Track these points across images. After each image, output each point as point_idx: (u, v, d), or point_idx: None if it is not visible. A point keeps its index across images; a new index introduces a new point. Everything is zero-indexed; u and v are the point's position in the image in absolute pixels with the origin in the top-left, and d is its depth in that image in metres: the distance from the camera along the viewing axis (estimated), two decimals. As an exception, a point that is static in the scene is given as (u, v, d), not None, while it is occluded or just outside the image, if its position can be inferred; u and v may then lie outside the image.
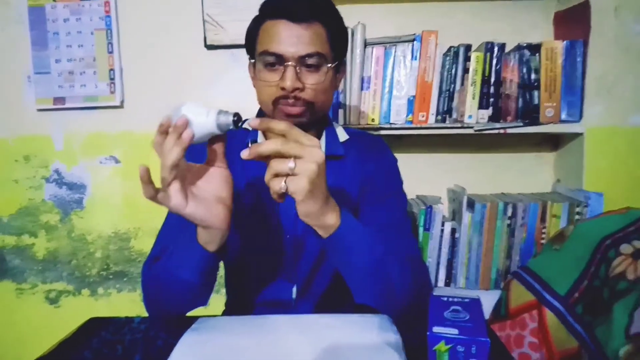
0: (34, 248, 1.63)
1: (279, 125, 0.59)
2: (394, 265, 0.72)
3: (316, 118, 0.86)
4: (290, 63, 0.78)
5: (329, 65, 0.81)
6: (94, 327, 0.81)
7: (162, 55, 1.53)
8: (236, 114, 0.61)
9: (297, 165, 0.57)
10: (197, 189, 0.65)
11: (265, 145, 0.58)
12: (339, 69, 0.89)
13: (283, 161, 0.58)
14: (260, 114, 0.95)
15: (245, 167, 0.87)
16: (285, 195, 0.60)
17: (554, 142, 1.56)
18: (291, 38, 0.79)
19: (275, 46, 0.79)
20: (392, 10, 1.51)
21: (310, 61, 0.79)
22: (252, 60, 0.85)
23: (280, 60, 0.79)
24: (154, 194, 0.60)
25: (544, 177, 1.58)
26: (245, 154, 0.58)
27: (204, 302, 0.75)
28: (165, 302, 0.75)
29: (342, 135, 0.95)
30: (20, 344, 1.64)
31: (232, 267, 0.95)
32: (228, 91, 1.53)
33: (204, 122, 0.60)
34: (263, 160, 0.59)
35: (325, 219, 0.64)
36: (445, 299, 0.68)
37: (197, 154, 0.69)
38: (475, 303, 0.68)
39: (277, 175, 0.58)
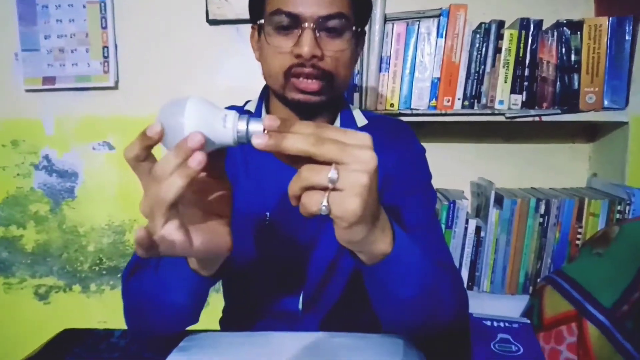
0: (22, 240, 1.52)
1: (307, 128, 0.41)
2: (445, 291, 0.59)
3: (333, 97, 0.73)
4: (307, 25, 0.65)
5: (353, 29, 0.68)
6: (67, 340, 0.69)
7: (160, 32, 1.40)
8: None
9: (341, 176, 0.40)
10: (196, 214, 0.48)
11: (290, 141, 0.40)
12: (360, 39, 0.76)
13: (319, 169, 0.40)
14: (265, 95, 0.82)
15: (247, 153, 0.74)
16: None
17: (590, 131, 1.41)
18: None
19: (291, 4, 0.66)
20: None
21: (332, 24, 0.67)
22: (260, 22, 0.71)
23: (295, 22, 0.66)
24: (157, 252, 0.43)
25: (577, 170, 1.43)
26: (260, 142, 0.41)
27: (194, 321, 0.62)
28: (146, 322, 0.62)
29: (360, 120, 0.82)
30: (7, 343, 1.54)
31: (232, 273, 0.82)
32: (232, 71, 1.40)
33: (219, 133, 0.42)
34: (285, 162, 0.43)
35: (375, 246, 0.48)
36: (489, 323, 0.55)
37: None
38: (526, 330, 0.56)
39: (311, 188, 0.42)
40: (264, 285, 0.78)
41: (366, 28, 0.89)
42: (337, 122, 0.79)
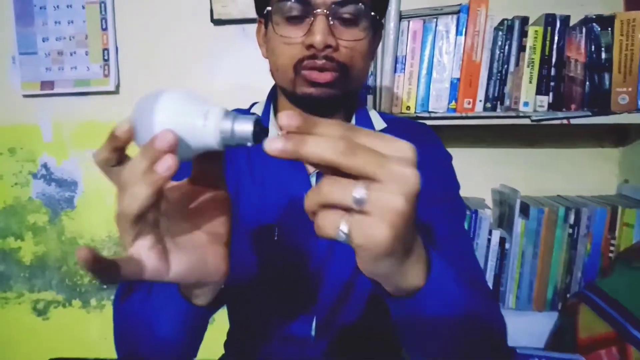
0: (20, 252, 1.45)
1: (335, 129, 0.33)
2: (482, 318, 0.50)
3: (348, 94, 0.65)
4: (320, 11, 0.57)
5: (372, 16, 0.60)
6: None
7: (163, 33, 1.33)
8: (257, 120, 0.35)
9: (371, 197, 0.31)
10: (181, 230, 0.40)
11: (313, 146, 0.31)
12: (378, 30, 0.68)
13: (345, 185, 0.32)
14: (273, 97, 0.74)
15: (251, 152, 0.66)
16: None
17: (620, 134, 1.32)
18: None
19: None
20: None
21: (348, 10, 0.59)
22: (269, 9, 0.63)
23: (307, 8, 0.59)
24: (116, 276, 0.34)
25: (606, 176, 1.34)
26: (273, 147, 0.32)
27: (190, 357, 0.54)
28: (136, 354, 0.54)
29: (378, 122, 0.74)
30: (4, 360, 1.47)
31: (236, 293, 0.74)
32: (239, 73, 1.32)
33: (198, 132, 0.34)
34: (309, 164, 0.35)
35: (406, 281, 0.39)
36: None
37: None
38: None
39: (330, 206, 0.33)
40: (272, 307, 0.70)
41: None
42: (353, 124, 0.71)
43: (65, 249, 1.43)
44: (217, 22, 1.29)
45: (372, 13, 0.62)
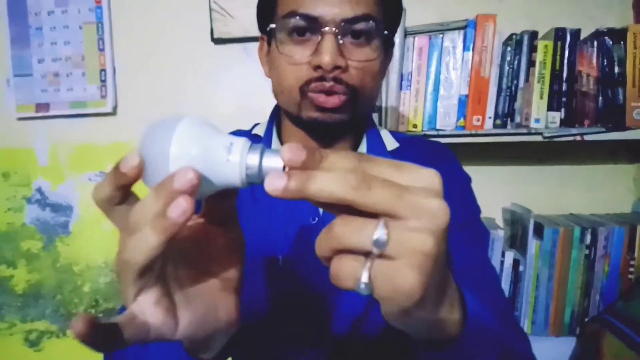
0: (12, 280, 1.39)
1: (346, 161, 0.28)
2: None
3: (358, 118, 0.60)
4: (329, 29, 0.53)
5: (384, 35, 0.56)
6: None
7: (162, 53, 1.30)
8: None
9: (394, 238, 0.26)
10: (190, 278, 0.35)
11: (321, 183, 0.27)
12: (390, 47, 0.64)
13: (361, 225, 0.27)
14: (276, 117, 0.70)
15: (256, 189, 0.62)
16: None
17: (634, 150, 1.28)
18: None
19: (308, 4, 0.54)
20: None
21: (359, 27, 0.55)
22: (272, 26, 0.59)
23: (314, 26, 0.55)
24: (119, 342, 0.29)
25: (620, 193, 1.29)
26: (274, 186, 0.27)
27: None
28: None
29: (391, 143, 0.69)
30: (-6, 395, 1.40)
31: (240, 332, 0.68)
32: (240, 94, 1.28)
33: (220, 168, 0.29)
34: (317, 205, 0.29)
35: (440, 330, 0.33)
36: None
37: None
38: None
39: (346, 251, 0.28)
40: (279, 344, 0.64)
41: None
42: (363, 146, 0.67)
43: (60, 276, 1.37)
44: (218, 41, 1.26)
45: (385, 32, 0.58)
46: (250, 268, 0.59)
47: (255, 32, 0.68)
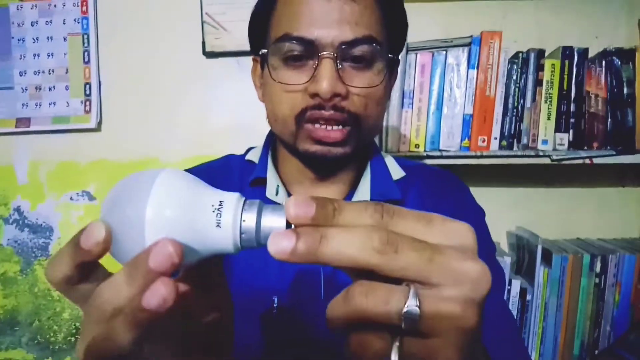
0: (-14, 306, 1.31)
1: (365, 215, 0.23)
2: None
3: (361, 147, 0.55)
4: (327, 53, 0.48)
5: (388, 58, 0.51)
6: None
7: (150, 66, 1.23)
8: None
9: (429, 310, 0.22)
10: (168, 351, 0.29)
11: (337, 246, 0.22)
12: (394, 69, 0.59)
13: (387, 293, 0.22)
14: (271, 143, 0.64)
15: (244, 186, 0.56)
16: None
17: (641, 173, 1.23)
18: (330, 14, 0.49)
19: (303, 27, 0.49)
20: (440, 8, 1.20)
21: (359, 51, 0.50)
22: (264, 51, 0.53)
23: (310, 50, 0.50)
24: None
25: (629, 218, 1.25)
26: (279, 249, 0.22)
27: None
28: None
29: (396, 171, 0.63)
30: None
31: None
32: (233, 111, 1.22)
33: (208, 233, 0.24)
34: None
35: None
36: None
37: None
38: None
39: (368, 321, 0.23)
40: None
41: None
42: (367, 176, 0.61)
43: (38, 302, 1.29)
44: (210, 54, 1.20)
45: (389, 55, 0.53)
46: (243, 311, 0.53)
47: (248, 45, 0.63)
